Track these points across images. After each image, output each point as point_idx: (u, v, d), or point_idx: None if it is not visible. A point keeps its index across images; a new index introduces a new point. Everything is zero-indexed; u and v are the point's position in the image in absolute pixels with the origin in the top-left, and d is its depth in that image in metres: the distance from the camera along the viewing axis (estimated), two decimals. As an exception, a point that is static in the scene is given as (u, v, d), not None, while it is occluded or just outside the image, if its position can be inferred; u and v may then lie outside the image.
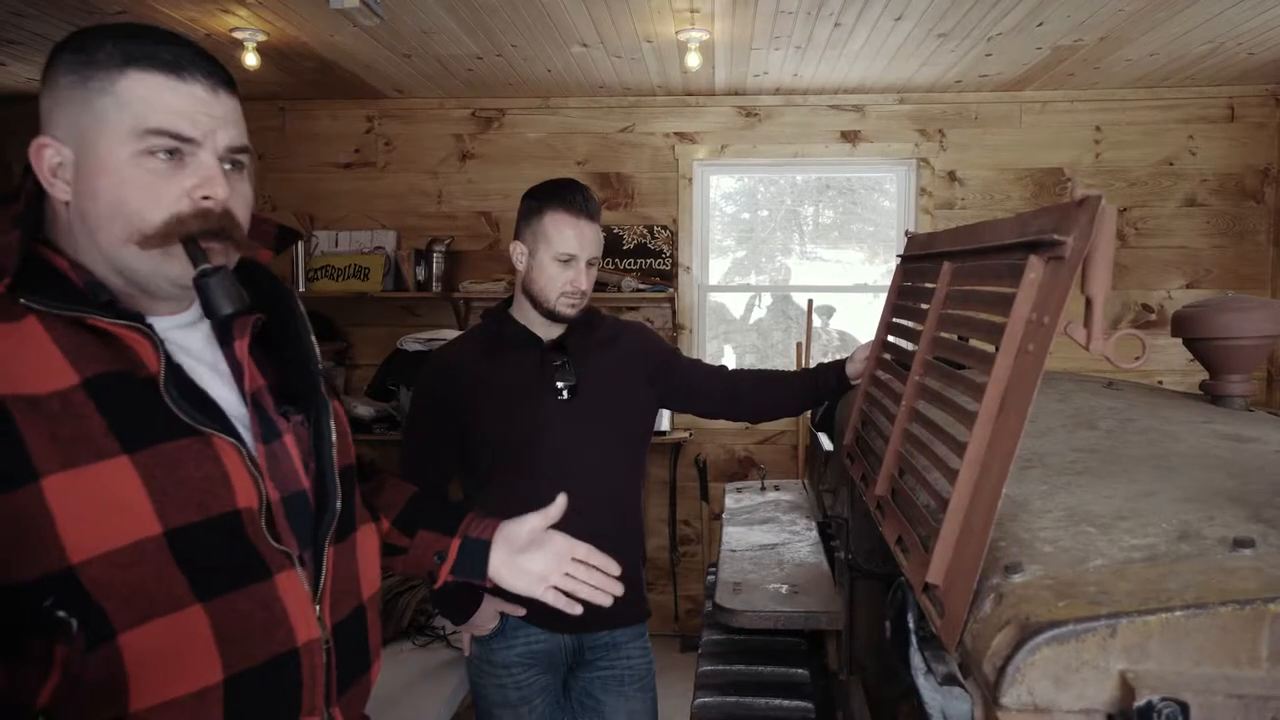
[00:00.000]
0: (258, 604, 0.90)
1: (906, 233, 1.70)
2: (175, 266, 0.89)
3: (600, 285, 4.24)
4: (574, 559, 1.23)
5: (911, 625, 0.79)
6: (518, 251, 1.92)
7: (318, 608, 0.96)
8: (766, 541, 2.32)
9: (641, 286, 4.21)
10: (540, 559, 1.21)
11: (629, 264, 4.35)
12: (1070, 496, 0.98)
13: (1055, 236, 0.80)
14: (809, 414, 3.33)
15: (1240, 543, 0.77)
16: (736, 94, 4.28)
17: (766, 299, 5.24)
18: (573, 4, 3.01)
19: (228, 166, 0.92)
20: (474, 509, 1.29)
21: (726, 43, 3.44)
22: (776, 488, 3.01)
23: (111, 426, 0.83)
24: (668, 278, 4.33)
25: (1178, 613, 0.68)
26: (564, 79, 4.01)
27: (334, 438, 1.02)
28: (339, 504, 1.00)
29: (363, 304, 4.35)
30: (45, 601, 0.79)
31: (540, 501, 1.82)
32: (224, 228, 0.90)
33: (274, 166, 4.43)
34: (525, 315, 1.93)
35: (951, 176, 4.27)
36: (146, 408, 0.86)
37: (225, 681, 0.87)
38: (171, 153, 0.88)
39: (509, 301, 2.00)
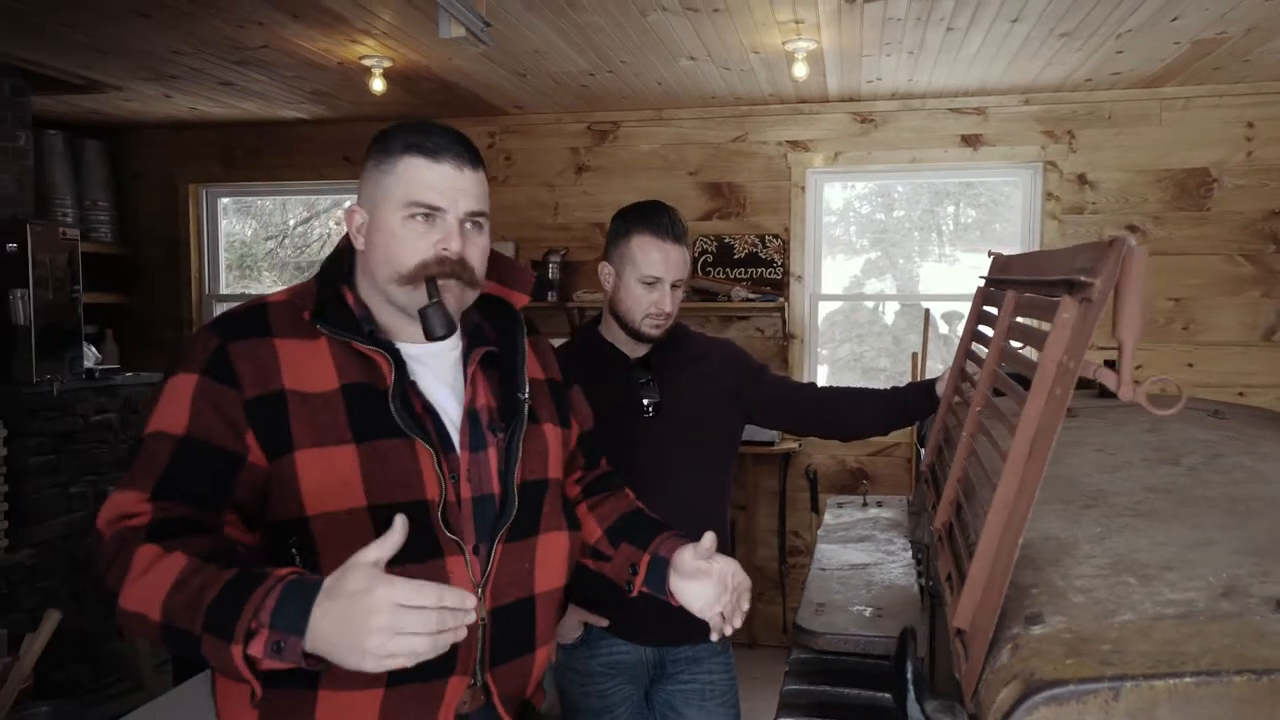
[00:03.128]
0: (429, 578, 1.06)
1: (990, 253, 1.65)
2: (422, 298, 1.15)
3: (710, 295, 4.26)
4: (732, 587, 1.32)
5: (910, 675, 0.78)
6: (605, 272, 1.96)
7: (480, 591, 1.16)
8: (858, 561, 2.28)
9: (751, 296, 4.20)
10: (709, 586, 1.31)
11: (740, 273, 4.35)
12: (1122, 541, 0.94)
13: (1084, 278, 0.77)
14: (918, 425, 3.24)
15: (1283, 604, 0.73)
16: (851, 100, 4.20)
17: (894, 303, 5.10)
18: (677, 21, 3.05)
19: (468, 226, 1.18)
20: (669, 528, 1.41)
21: (835, 51, 3.39)
22: (879, 504, 2.94)
23: (350, 421, 1.11)
24: (779, 287, 4.31)
25: (1188, 679, 0.65)
26: (675, 91, 4.05)
27: (520, 456, 1.23)
28: (514, 511, 1.21)
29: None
30: (290, 539, 1.09)
31: None
32: (455, 271, 1.16)
33: (403, 183, 4.68)
34: (612, 334, 1.98)
35: (1081, 179, 4.05)
36: (377, 411, 1.12)
37: None
38: (426, 216, 1.15)
39: (599, 319, 2.05)
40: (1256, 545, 0.88)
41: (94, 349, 4.25)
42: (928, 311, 4.11)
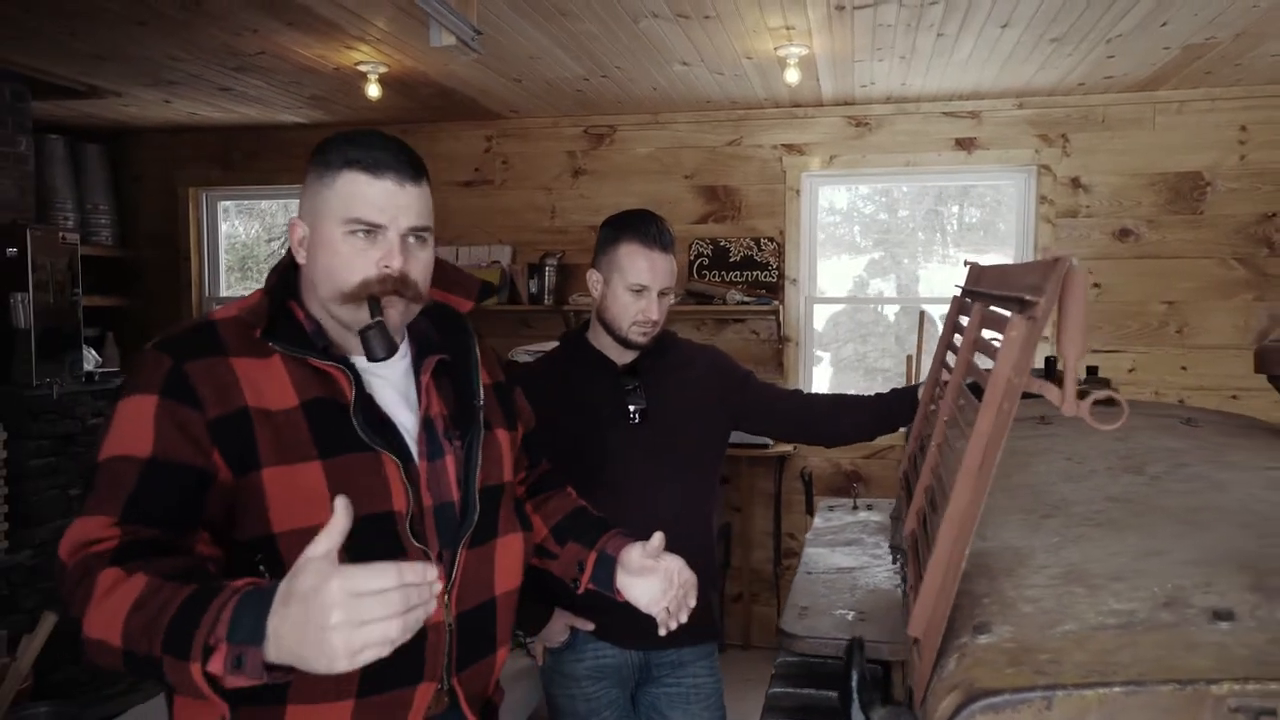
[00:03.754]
0: None
1: (965, 262, 1.67)
2: (364, 316, 1.15)
3: (706, 298, 4.28)
4: (678, 583, 1.36)
5: (854, 684, 0.80)
6: (593, 279, 1.99)
7: (446, 597, 1.19)
8: (844, 565, 2.30)
9: (746, 299, 4.22)
10: (655, 583, 1.36)
11: (735, 276, 4.37)
12: (1077, 551, 0.96)
13: (1029, 296, 0.79)
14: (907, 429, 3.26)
15: (1219, 615, 0.75)
16: (845, 104, 4.22)
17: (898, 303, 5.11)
18: (668, 27, 3.07)
19: (411, 240, 1.17)
20: (616, 527, 1.46)
21: (828, 57, 3.41)
22: (869, 507, 2.96)
23: (314, 438, 1.11)
24: (774, 290, 4.33)
25: (1116, 688, 0.67)
26: (670, 95, 4.07)
27: (479, 461, 1.25)
28: (476, 516, 1.22)
29: (479, 316, 4.55)
30: (255, 557, 1.08)
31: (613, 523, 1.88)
32: (397, 288, 1.16)
33: (401, 186, 4.70)
34: (600, 340, 2.00)
35: (1075, 183, 4.07)
36: (340, 426, 1.12)
37: None
38: (367, 233, 1.14)
39: (587, 325, 2.08)
40: (1205, 555, 0.90)
41: (94, 352, 4.29)
42: (923, 313, 4.12)
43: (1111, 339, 4.07)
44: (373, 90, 3.64)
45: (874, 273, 5.12)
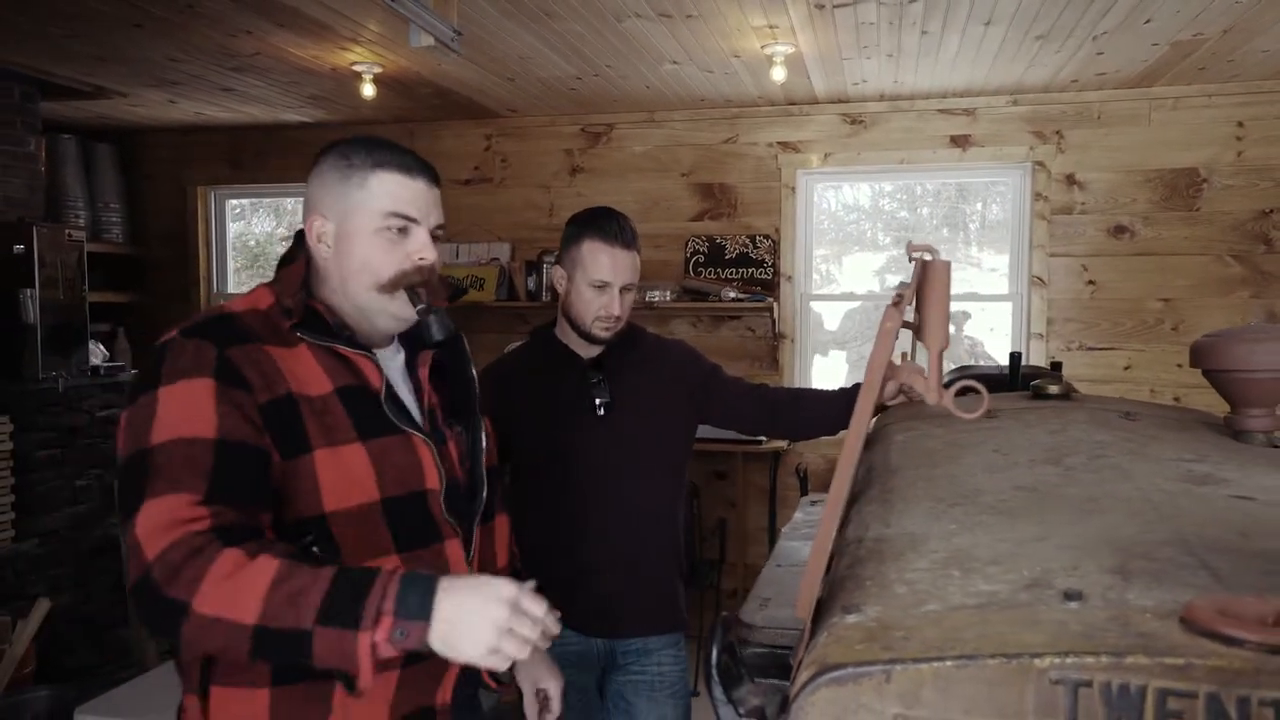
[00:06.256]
0: (432, 560, 1.22)
1: (910, 258, 1.69)
2: (397, 305, 1.25)
3: (701, 294, 4.31)
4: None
5: (714, 658, 0.84)
6: (558, 276, 2.02)
7: (470, 570, 1.29)
8: (814, 558, 2.33)
9: (741, 296, 4.25)
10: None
11: (731, 273, 4.40)
12: (969, 537, 0.98)
13: (896, 291, 0.83)
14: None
15: (1069, 595, 0.78)
16: (839, 102, 4.24)
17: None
18: (653, 27, 3.10)
19: (433, 237, 1.27)
20: None
21: (815, 55, 3.43)
22: (851, 502, 2.99)
23: (353, 422, 1.18)
24: (769, 287, 4.35)
25: (949, 662, 0.70)
26: (664, 94, 4.11)
27: (485, 444, 1.37)
28: (485, 494, 1.34)
29: (478, 313, 4.61)
30: (307, 536, 1.13)
31: (577, 517, 1.92)
32: (429, 279, 1.27)
33: (403, 184, 4.76)
34: (566, 335, 2.04)
35: (1070, 180, 4.06)
36: (372, 411, 1.21)
37: None
38: (401, 229, 1.23)
39: (555, 321, 2.12)
40: (1084, 540, 0.92)
41: (102, 347, 4.39)
42: (916, 311, 4.13)
43: (1107, 336, 4.06)
44: (367, 90, 3.71)
45: (896, 270, 5.13)
